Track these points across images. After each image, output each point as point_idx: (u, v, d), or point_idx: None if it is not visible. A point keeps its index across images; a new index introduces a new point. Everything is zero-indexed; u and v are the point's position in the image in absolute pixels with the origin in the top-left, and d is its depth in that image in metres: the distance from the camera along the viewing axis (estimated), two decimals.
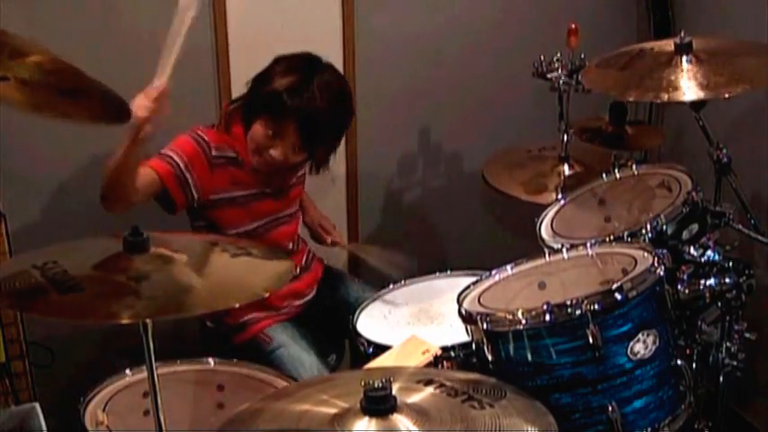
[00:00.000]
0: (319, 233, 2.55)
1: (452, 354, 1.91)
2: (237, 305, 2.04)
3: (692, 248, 1.98)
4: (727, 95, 1.92)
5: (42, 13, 2.45)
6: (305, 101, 2.14)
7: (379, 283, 2.37)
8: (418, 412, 1.44)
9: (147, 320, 1.41)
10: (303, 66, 2.20)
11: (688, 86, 1.97)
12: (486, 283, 1.92)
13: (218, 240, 1.71)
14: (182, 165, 2.14)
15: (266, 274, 1.55)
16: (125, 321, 1.33)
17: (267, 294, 1.50)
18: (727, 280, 1.93)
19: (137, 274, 1.42)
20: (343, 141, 2.82)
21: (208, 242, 1.69)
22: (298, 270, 2.38)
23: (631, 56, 2.16)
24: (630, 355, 1.66)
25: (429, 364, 1.82)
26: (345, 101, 2.27)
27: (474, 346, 1.80)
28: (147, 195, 2.11)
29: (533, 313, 1.66)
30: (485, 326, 1.71)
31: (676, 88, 1.97)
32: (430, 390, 1.53)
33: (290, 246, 2.39)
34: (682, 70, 2.01)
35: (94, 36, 2.50)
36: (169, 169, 2.13)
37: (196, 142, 2.19)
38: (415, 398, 1.49)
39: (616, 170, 2.28)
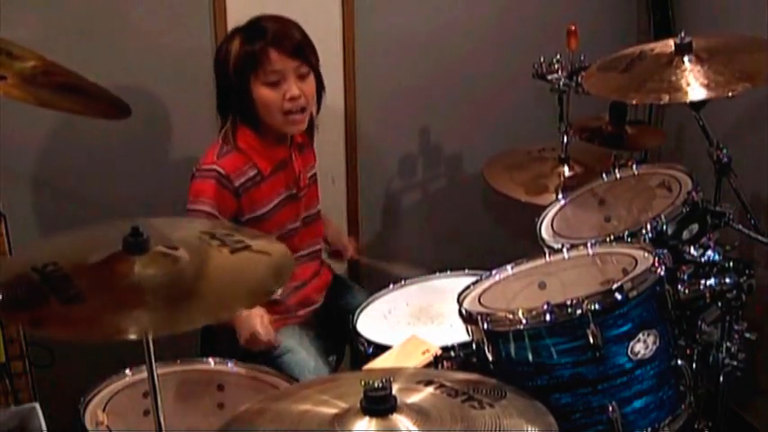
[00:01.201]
0: (340, 250, 2.56)
1: (452, 354, 1.91)
2: (244, 312, 2.08)
3: (692, 248, 1.98)
4: (730, 94, 1.92)
5: (39, 18, 2.45)
6: (267, 31, 2.16)
7: (381, 284, 2.36)
8: (418, 412, 1.44)
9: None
10: (235, 29, 2.24)
11: (690, 87, 1.96)
12: (486, 283, 1.92)
13: (215, 232, 1.66)
14: (213, 211, 2.14)
15: (268, 271, 1.53)
16: (131, 337, 1.32)
17: (278, 295, 1.48)
18: (727, 280, 1.93)
19: (139, 280, 1.40)
20: (343, 141, 2.85)
21: (206, 234, 1.63)
22: (311, 276, 2.40)
23: (632, 58, 2.16)
24: (631, 355, 1.65)
25: (429, 364, 1.82)
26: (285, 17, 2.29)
27: (474, 346, 1.80)
28: None
29: (534, 313, 1.65)
30: (485, 326, 1.71)
31: (678, 89, 1.97)
32: (430, 390, 1.53)
33: (318, 246, 2.42)
34: (683, 71, 2.01)
35: (92, 40, 2.50)
36: None
37: (218, 183, 2.16)
38: (415, 398, 1.49)
39: (616, 170, 2.28)
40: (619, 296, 1.64)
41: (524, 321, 1.66)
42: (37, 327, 1.39)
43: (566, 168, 2.55)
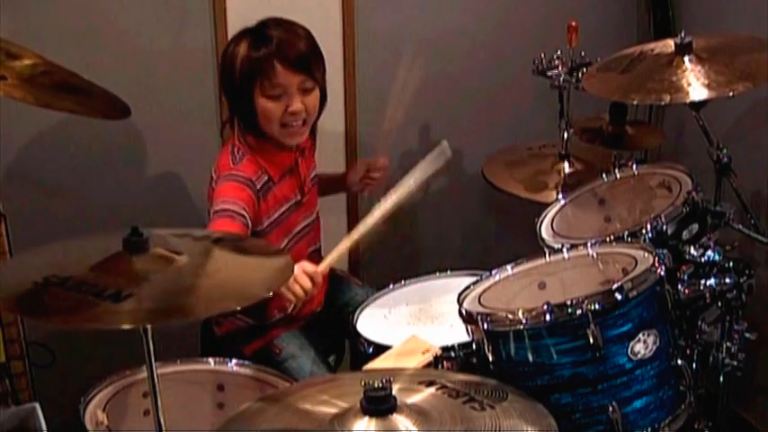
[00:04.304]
0: (367, 182, 2.50)
1: (452, 354, 1.91)
2: (238, 308, 2.06)
3: (692, 248, 1.98)
4: (731, 94, 1.92)
5: (40, 17, 2.45)
6: (273, 40, 2.10)
7: (381, 284, 2.37)
8: (418, 413, 1.44)
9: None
10: (244, 30, 2.17)
11: (690, 87, 1.97)
12: (486, 283, 1.92)
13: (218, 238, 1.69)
14: (242, 211, 2.08)
15: (266, 273, 1.53)
16: (126, 327, 1.33)
17: (269, 294, 1.48)
18: (727, 280, 1.94)
19: (137, 276, 1.41)
20: (343, 141, 2.85)
21: (209, 240, 1.66)
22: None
23: (632, 58, 2.16)
24: (631, 355, 1.66)
25: (429, 364, 1.82)
26: (294, 22, 2.21)
27: (474, 346, 1.80)
28: None
29: (533, 313, 1.66)
30: (485, 326, 1.72)
31: (679, 89, 1.97)
32: (431, 390, 1.53)
33: (316, 246, 2.39)
34: (683, 71, 2.01)
35: (92, 40, 2.51)
36: (246, 229, 2.08)
37: (247, 186, 2.12)
38: (415, 398, 1.50)
39: (616, 170, 2.28)
40: (619, 296, 1.64)
41: (524, 321, 1.66)
42: (36, 314, 1.40)
43: (566, 165, 2.55)
